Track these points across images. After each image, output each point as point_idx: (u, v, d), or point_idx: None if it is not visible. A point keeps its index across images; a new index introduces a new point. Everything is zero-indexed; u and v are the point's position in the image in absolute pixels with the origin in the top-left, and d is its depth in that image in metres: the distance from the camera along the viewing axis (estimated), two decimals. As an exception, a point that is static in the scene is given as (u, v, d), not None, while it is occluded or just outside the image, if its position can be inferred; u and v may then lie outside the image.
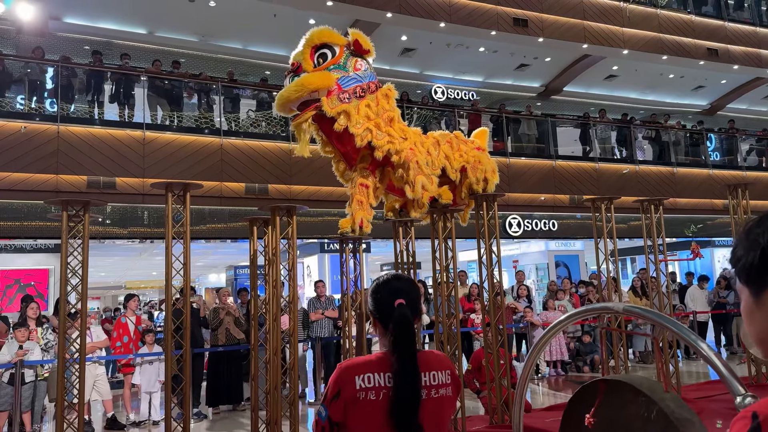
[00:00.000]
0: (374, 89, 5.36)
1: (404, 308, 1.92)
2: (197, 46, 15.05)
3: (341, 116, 5.10)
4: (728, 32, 18.41)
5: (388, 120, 5.39)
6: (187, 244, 5.66)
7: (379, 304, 1.97)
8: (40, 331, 7.72)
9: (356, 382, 1.84)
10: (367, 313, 8.30)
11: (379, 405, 1.82)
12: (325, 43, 5.13)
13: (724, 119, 20.15)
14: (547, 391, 9.42)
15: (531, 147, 14.90)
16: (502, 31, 15.35)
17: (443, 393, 1.92)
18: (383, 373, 1.85)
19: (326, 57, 5.10)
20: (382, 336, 1.98)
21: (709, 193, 15.70)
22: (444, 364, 1.97)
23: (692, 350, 11.68)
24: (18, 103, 10.64)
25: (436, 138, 6.12)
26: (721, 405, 6.74)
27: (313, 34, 5.12)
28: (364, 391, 1.83)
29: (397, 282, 2.02)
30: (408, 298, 1.95)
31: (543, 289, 15.21)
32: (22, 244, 12.26)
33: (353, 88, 5.18)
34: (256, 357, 6.63)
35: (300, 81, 4.99)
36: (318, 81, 5.02)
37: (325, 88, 5.04)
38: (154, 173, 10.32)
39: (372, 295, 2.01)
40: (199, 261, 18.94)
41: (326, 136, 5.41)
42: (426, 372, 1.89)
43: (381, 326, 1.97)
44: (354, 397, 1.83)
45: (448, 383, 1.94)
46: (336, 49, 5.14)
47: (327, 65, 5.09)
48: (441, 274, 6.68)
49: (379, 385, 1.84)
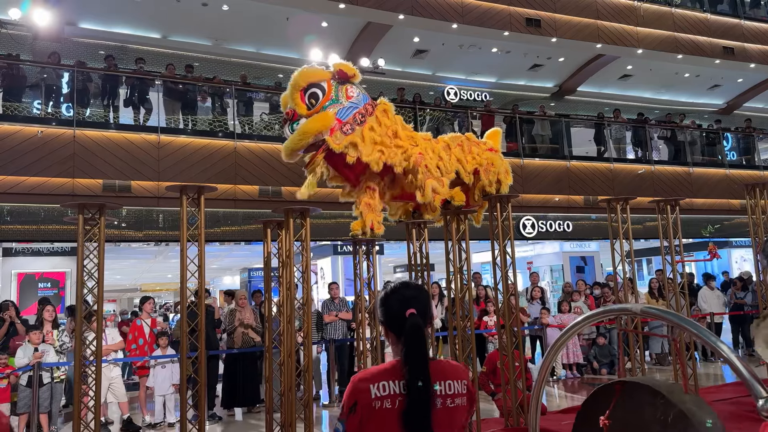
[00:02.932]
0: (372, 110, 5.33)
1: (416, 318, 1.91)
2: (211, 50, 15.15)
3: (349, 149, 5.08)
4: (744, 30, 18.20)
5: (393, 135, 5.38)
6: (201, 246, 5.69)
7: (390, 315, 1.96)
8: (56, 333, 7.79)
9: (371, 391, 1.83)
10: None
11: (395, 413, 1.81)
12: (312, 82, 5.09)
13: (740, 118, 19.91)
14: (563, 393, 9.34)
15: (545, 148, 14.81)
16: (514, 31, 15.29)
17: (458, 403, 1.90)
18: (398, 380, 1.84)
19: (317, 96, 5.06)
20: (394, 344, 1.96)
21: (726, 193, 15.50)
22: (460, 374, 1.95)
23: (710, 352, 11.56)
24: (35, 108, 10.77)
25: (446, 142, 6.07)
26: (741, 408, 6.64)
27: (296, 78, 5.10)
28: (379, 399, 1.83)
29: (407, 290, 2.00)
30: (419, 306, 1.94)
31: (558, 291, 15.11)
32: (39, 247, 12.39)
33: (352, 117, 5.16)
34: (270, 359, 6.63)
35: (301, 129, 4.98)
36: (318, 124, 5.00)
37: (327, 128, 5.03)
38: (168, 176, 10.39)
39: (382, 306, 2.00)
40: (213, 263, 19.04)
41: (335, 169, 5.40)
42: (441, 381, 1.88)
43: (393, 335, 1.96)
44: (370, 407, 1.82)
45: (463, 393, 1.92)
46: (324, 85, 5.10)
47: (321, 105, 5.06)
48: (455, 276, 6.65)
49: (394, 393, 1.83)
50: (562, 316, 10.63)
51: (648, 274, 19.11)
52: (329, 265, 15.78)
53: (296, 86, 5.10)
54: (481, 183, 6.27)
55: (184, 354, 5.56)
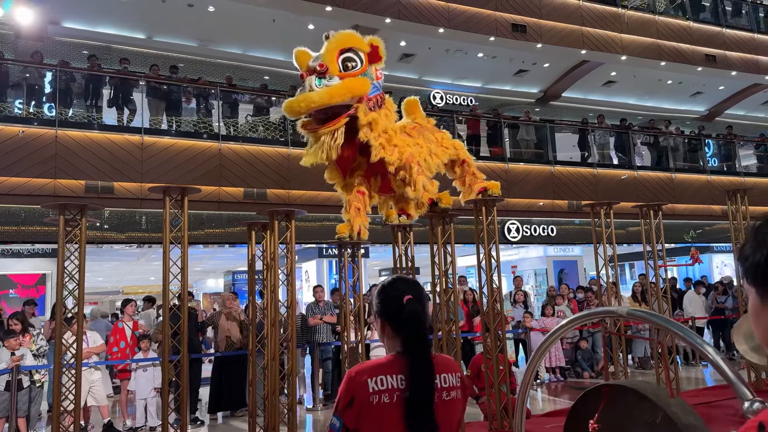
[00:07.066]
0: (382, 101, 5.29)
1: (414, 303, 1.89)
2: (196, 51, 15.05)
3: (365, 127, 5.02)
4: (726, 38, 18.46)
5: (393, 132, 5.36)
6: (184, 248, 5.63)
7: (387, 303, 1.94)
8: (33, 336, 7.66)
9: (369, 385, 1.80)
10: (365, 318, 8.23)
11: (393, 407, 1.79)
12: (351, 47, 4.96)
13: (722, 125, 20.18)
14: (547, 396, 9.37)
15: (530, 152, 14.89)
16: (500, 36, 15.37)
17: (454, 396, 1.90)
18: (395, 375, 1.82)
19: (354, 61, 4.93)
20: (391, 338, 1.93)
21: (708, 199, 15.69)
22: (453, 367, 1.95)
23: (692, 355, 11.68)
24: (16, 108, 10.61)
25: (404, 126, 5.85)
26: (722, 411, 6.71)
27: (343, 36, 4.95)
28: (377, 394, 1.79)
29: (402, 283, 2.00)
30: (416, 295, 1.93)
31: (542, 294, 15.18)
32: (19, 249, 12.21)
33: (375, 98, 5.12)
34: (253, 362, 6.59)
35: (343, 85, 4.79)
36: (360, 88, 4.89)
37: (364, 95, 4.95)
38: (152, 178, 10.29)
39: (378, 296, 1.98)
40: (197, 266, 18.87)
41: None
42: (437, 375, 1.87)
43: (390, 327, 1.92)
44: (368, 401, 1.79)
45: (458, 386, 1.91)
46: (361, 55, 4.98)
47: (359, 71, 4.93)
48: (440, 279, 6.65)
49: (392, 387, 1.80)
50: (545, 319, 10.68)
51: (631, 278, 19.27)
52: (314, 268, 15.71)
53: (339, 44, 4.91)
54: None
55: (165, 357, 5.49)
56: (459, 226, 8.07)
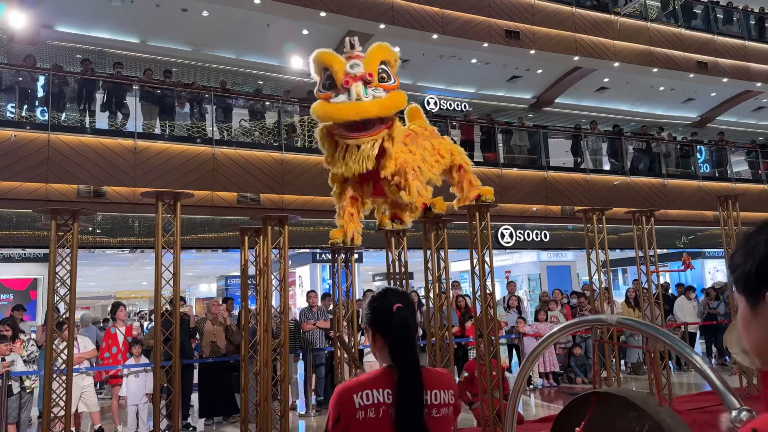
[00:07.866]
0: None
1: (403, 311, 1.88)
2: (190, 56, 15.04)
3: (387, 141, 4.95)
4: (717, 46, 18.60)
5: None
6: (177, 253, 5.62)
7: (377, 311, 1.93)
8: (24, 342, 7.61)
9: (355, 401, 1.79)
10: (359, 324, 8.23)
11: (379, 422, 1.77)
12: (386, 60, 4.94)
13: (713, 131, 20.31)
14: (540, 402, 9.38)
15: (523, 158, 14.95)
16: (494, 43, 15.44)
17: (444, 413, 1.87)
18: (382, 389, 1.80)
19: (388, 74, 4.90)
20: (381, 350, 1.92)
21: (700, 205, 15.78)
22: (447, 384, 1.92)
23: (684, 361, 11.70)
24: (8, 111, 10.57)
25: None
26: (713, 416, 6.73)
27: (381, 47, 4.93)
28: (363, 409, 1.78)
29: (393, 294, 2.00)
30: (406, 305, 1.93)
31: (535, 300, 15.20)
32: (11, 253, 12.14)
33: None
34: (246, 368, 6.56)
35: (394, 99, 4.77)
36: (402, 104, 4.91)
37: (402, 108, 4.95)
38: (145, 182, 10.26)
39: (369, 305, 1.98)
40: (189, 271, 18.82)
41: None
42: (428, 390, 1.83)
43: (380, 336, 1.91)
44: (354, 418, 1.78)
45: (450, 403, 1.88)
46: (389, 69, 4.95)
47: (394, 87, 4.90)
48: (433, 285, 6.66)
49: (378, 402, 1.79)
50: (538, 324, 10.70)
51: (623, 283, 19.33)
52: (308, 273, 15.69)
53: (380, 55, 4.88)
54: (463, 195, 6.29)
55: (157, 363, 5.47)
56: (452, 231, 8.07)
